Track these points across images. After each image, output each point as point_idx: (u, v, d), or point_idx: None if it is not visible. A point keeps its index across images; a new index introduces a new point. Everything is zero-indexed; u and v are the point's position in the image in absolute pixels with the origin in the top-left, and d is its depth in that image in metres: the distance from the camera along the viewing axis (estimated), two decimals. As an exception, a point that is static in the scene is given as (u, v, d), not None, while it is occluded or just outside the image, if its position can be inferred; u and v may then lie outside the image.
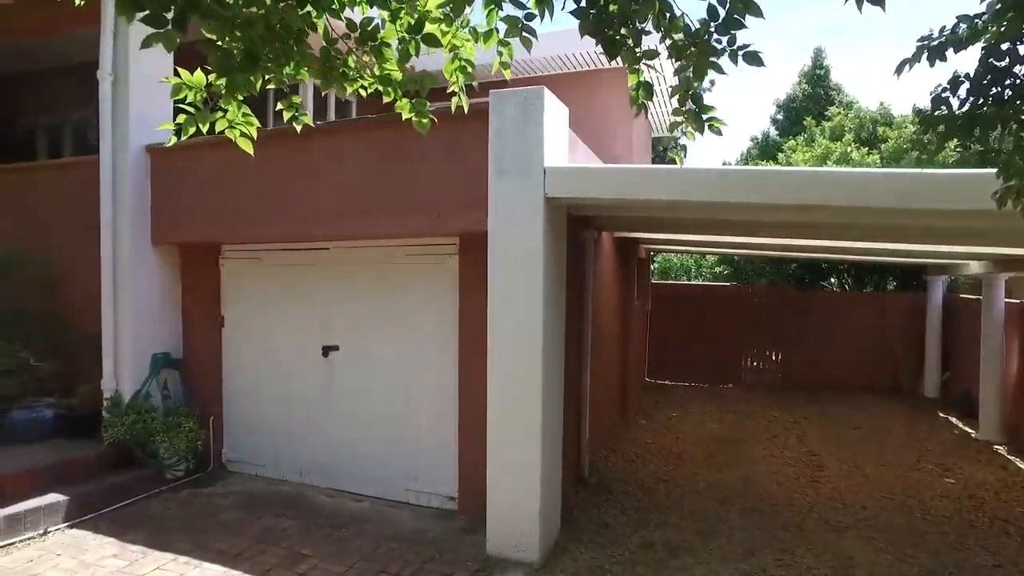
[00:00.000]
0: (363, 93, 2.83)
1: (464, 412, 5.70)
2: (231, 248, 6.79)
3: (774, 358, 12.69)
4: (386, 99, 2.91)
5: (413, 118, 3.02)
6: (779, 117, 21.12)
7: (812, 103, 19.44)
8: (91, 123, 10.69)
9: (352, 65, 2.65)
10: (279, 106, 2.95)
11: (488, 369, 4.90)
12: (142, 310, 6.61)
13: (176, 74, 2.64)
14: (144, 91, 6.58)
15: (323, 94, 9.43)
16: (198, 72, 2.59)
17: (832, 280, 14.17)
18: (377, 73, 2.71)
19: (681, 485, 6.74)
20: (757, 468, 7.38)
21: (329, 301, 6.31)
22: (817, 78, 20.23)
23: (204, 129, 2.73)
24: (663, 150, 18.83)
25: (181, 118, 2.73)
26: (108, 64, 6.45)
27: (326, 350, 6.30)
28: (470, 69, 2.96)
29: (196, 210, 6.45)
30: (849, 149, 13.13)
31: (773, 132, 20.92)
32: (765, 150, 20.01)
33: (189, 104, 2.63)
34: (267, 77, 2.45)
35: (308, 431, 6.45)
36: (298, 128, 3.13)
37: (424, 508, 5.88)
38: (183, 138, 2.81)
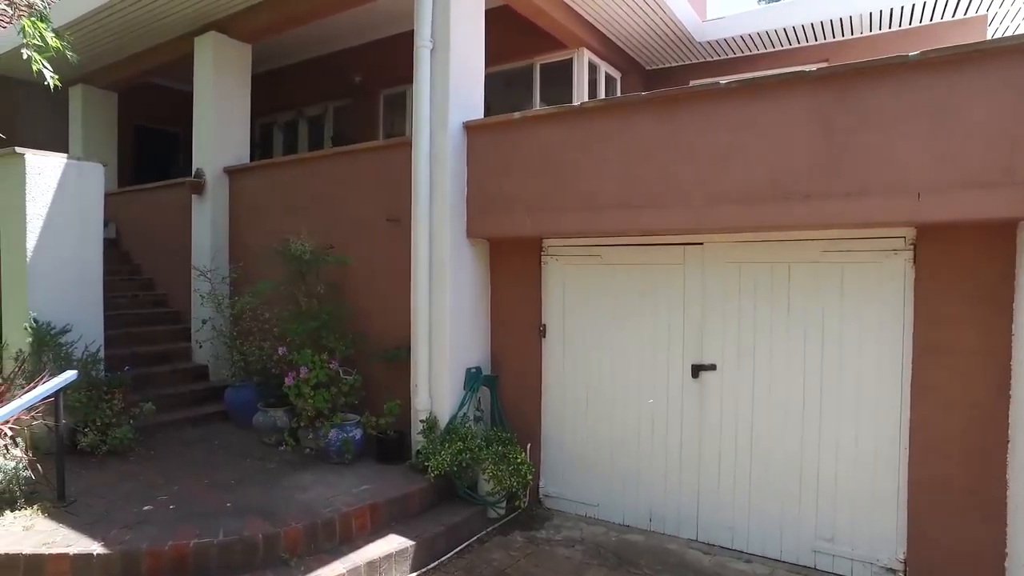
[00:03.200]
0: None
1: (919, 456, 4.23)
2: (557, 243, 5.69)
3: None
4: None
5: None
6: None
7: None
8: (344, 114, 10.24)
9: None
10: None
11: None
12: (460, 316, 5.65)
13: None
14: (460, 60, 5.63)
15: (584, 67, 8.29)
16: None
17: None
18: None
19: None
20: None
21: (701, 309, 5.04)
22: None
23: None
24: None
25: None
26: (427, 29, 5.54)
27: (697, 369, 5.04)
28: None
29: (518, 197, 5.39)
30: None
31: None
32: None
33: None
34: None
35: (663, 467, 5.23)
36: None
37: (848, 580, 4.48)
38: None
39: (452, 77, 5.52)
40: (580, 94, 8.08)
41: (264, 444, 6.10)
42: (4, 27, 9.58)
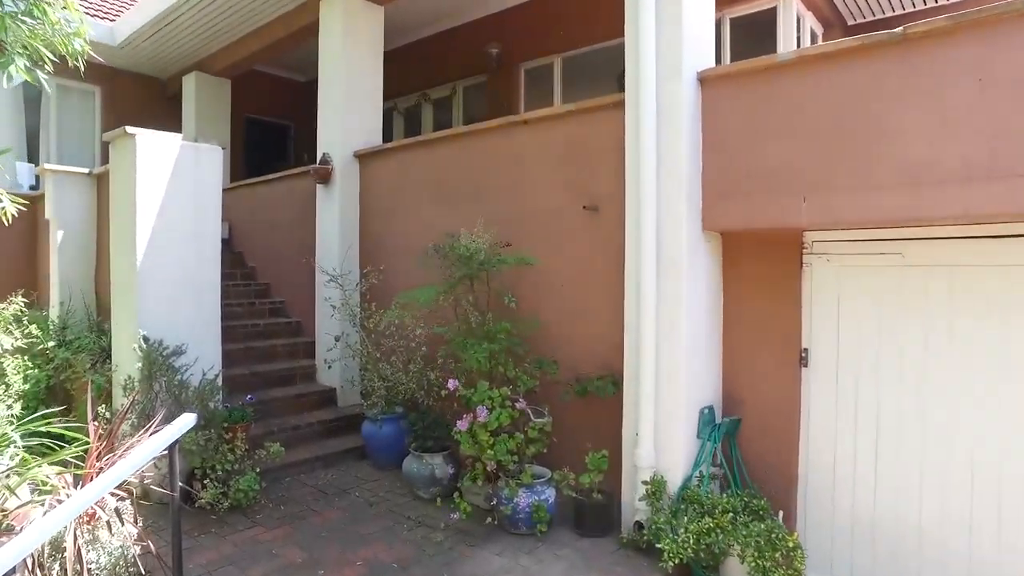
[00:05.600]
0: None
1: None
2: (831, 237, 4.05)
3: None
4: None
5: None
6: None
7: None
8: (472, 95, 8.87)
9: None
10: None
11: None
12: (697, 339, 4.11)
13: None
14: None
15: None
16: None
17: None
18: None
19: None
20: None
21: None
22: None
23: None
24: None
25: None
26: (652, -52, 4.03)
27: (1090, 426, 3.29)
28: None
29: (780, 173, 3.79)
30: None
31: None
32: None
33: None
34: None
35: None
36: None
37: None
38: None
39: (685, 7, 3.98)
40: (788, 51, 6.38)
41: (420, 499, 4.76)
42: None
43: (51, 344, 5.99)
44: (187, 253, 5.01)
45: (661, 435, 4.06)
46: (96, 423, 3.85)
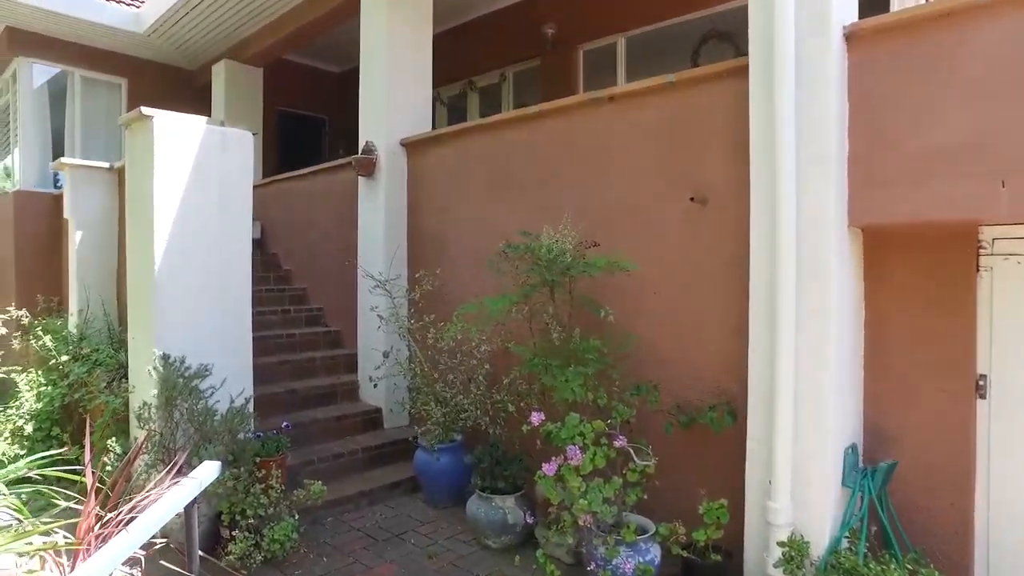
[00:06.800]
0: None
1: None
2: (1019, 234, 3.18)
3: None
4: None
5: None
6: None
7: None
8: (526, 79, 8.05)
9: None
10: None
11: None
12: (841, 360, 3.26)
13: None
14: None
15: None
16: None
17: None
18: None
19: None
20: None
21: None
22: None
23: None
24: None
25: None
26: None
27: None
28: None
29: (951, 152, 2.93)
30: None
31: None
32: None
33: None
34: None
35: None
36: None
37: None
38: None
39: (831, -51, 3.15)
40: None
41: (488, 550, 3.98)
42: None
43: (65, 358, 5.35)
44: (213, 255, 4.31)
45: (800, 483, 3.22)
46: (104, 462, 3.16)
